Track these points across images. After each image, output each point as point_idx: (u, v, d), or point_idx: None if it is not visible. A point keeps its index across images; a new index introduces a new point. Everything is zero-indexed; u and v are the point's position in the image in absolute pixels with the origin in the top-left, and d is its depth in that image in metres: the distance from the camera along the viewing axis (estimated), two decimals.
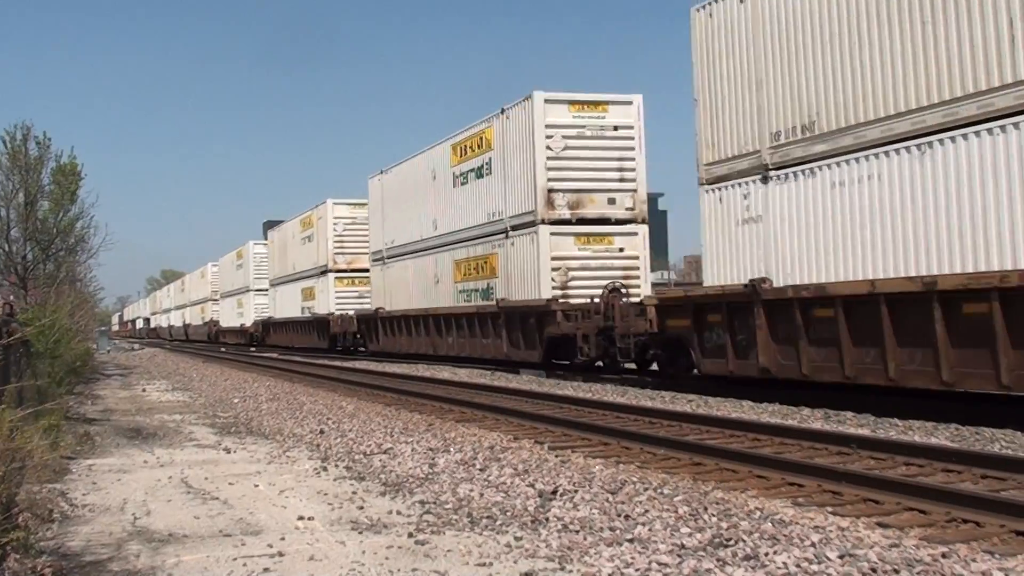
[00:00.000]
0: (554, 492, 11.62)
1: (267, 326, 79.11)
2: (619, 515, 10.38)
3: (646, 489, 11.67)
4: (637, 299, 30.79)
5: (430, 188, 44.83)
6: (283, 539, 9.87)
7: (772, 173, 22.54)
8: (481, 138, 39.12)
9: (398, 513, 10.97)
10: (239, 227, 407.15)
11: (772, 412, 20.19)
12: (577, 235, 34.11)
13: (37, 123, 55.05)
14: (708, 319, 24.63)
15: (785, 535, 9.29)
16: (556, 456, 14.83)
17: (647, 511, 10.52)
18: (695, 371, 25.85)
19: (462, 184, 41.18)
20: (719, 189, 24.39)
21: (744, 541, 9.11)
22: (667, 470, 13.35)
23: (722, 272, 24.20)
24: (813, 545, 8.91)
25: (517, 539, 9.55)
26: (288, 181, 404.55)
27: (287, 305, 71.82)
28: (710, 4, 24.74)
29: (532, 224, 34.40)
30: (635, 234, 34.60)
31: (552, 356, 34.43)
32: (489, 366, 37.67)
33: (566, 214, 34.05)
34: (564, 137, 34.03)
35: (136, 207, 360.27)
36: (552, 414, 19.87)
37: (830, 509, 10.59)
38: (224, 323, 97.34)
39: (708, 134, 24.89)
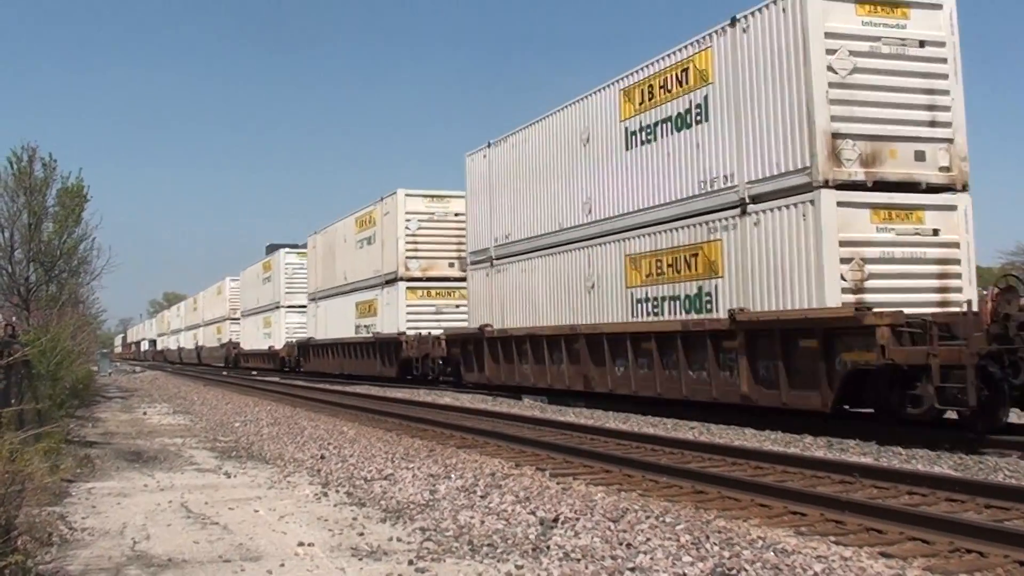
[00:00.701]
0: (555, 520, 11.57)
1: (305, 348, 67.42)
2: (621, 543, 10.34)
3: (648, 517, 11.63)
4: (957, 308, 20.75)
5: (578, 157, 32.35)
6: (283, 565, 9.83)
7: None
8: (686, 70, 26.57)
9: (398, 540, 10.93)
10: (241, 251, 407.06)
11: (775, 440, 20.14)
12: (875, 207, 21.99)
13: (40, 144, 55.09)
14: None
15: (788, 565, 9.25)
16: (558, 483, 14.78)
17: (649, 539, 10.48)
18: None
19: (645, 142, 28.44)
20: None
21: (746, 571, 9.07)
22: (669, 498, 13.31)
23: None
24: (816, 575, 8.87)
25: (518, 567, 9.51)
26: (290, 207, 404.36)
27: (335, 323, 59.66)
28: None
29: (804, 189, 22.09)
30: (953, 208, 22.56)
31: (843, 400, 21.78)
32: (492, 391, 37.16)
33: (858, 174, 21.94)
34: (851, 53, 22.24)
35: (138, 229, 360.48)
36: (554, 441, 19.80)
37: (833, 539, 10.54)
38: (247, 345, 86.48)
39: None
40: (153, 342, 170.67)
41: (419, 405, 32.13)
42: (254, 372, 75.19)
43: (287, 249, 76.04)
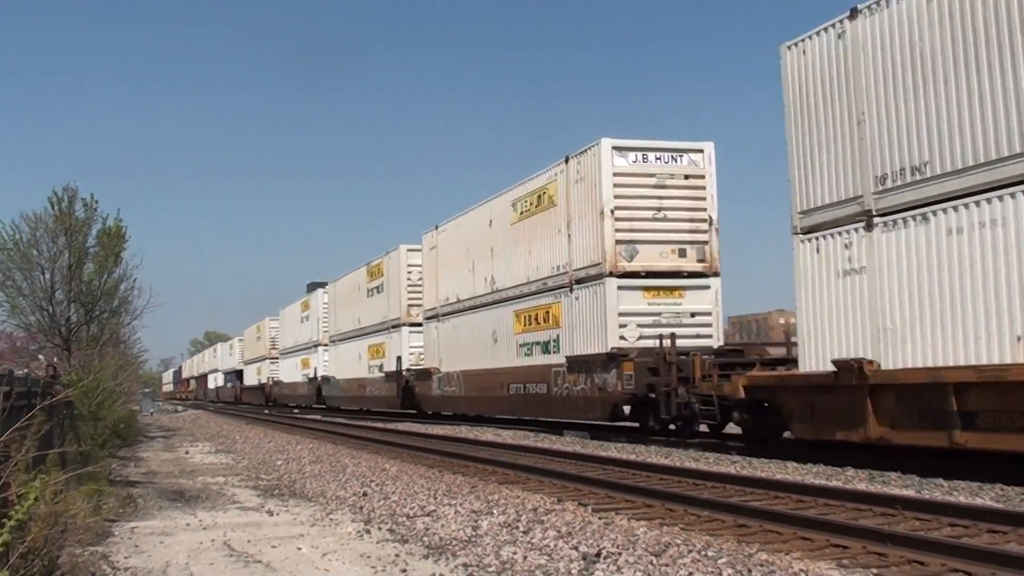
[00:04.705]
0: (598, 555, 11.56)
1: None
2: None
3: (690, 551, 11.61)
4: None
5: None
6: None
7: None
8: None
9: None
10: (282, 290, 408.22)
11: (816, 473, 20.06)
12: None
13: (81, 185, 55.08)
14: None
15: None
16: (600, 518, 14.76)
17: (691, 574, 10.47)
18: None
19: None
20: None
21: None
22: (711, 532, 13.28)
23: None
24: None
25: None
26: (331, 246, 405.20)
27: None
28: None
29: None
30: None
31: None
32: (533, 427, 37.31)
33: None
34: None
35: (179, 269, 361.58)
36: (595, 476, 19.73)
37: (875, 571, 10.51)
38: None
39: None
40: (236, 374, 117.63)
41: (461, 441, 32.12)
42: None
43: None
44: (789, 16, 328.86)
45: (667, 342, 28.85)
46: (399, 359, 55.12)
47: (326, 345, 73.56)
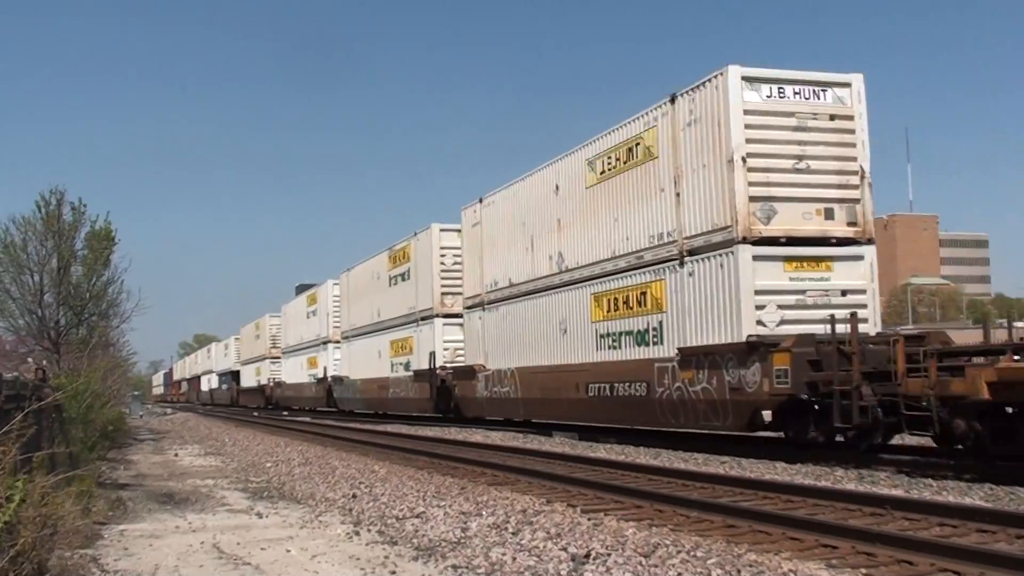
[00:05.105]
0: (587, 556, 11.56)
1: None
2: None
3: (679, 552, 11.61)
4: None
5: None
6: None
7: None
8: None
9: None
10: (271, 293, 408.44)
11: (805, 473, 20.07)
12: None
13: (72, 187, 54.55)
14: None
15: None
16: (589, 519, 14.76)
17: (680, 574, 10.47)
18: None
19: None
20: None
21: None
22: (700, 532, 13.29)
23: None
24: None
25: None
26: (318, 248, 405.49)
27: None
28: None
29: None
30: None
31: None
32: (523, 428, 37.19)
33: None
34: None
35: (168, 272, 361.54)
36: (585, 477, 19.73)
37: (864, 571, 10.53)
38: None
39: None
40: (232, 375, 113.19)
41: (450, 443, 32.05)
42: None
43: None
44: None
45: (843, 326, 22.14)
46: (432, 355, 47.85)
47: (337, 342, 67.06)
